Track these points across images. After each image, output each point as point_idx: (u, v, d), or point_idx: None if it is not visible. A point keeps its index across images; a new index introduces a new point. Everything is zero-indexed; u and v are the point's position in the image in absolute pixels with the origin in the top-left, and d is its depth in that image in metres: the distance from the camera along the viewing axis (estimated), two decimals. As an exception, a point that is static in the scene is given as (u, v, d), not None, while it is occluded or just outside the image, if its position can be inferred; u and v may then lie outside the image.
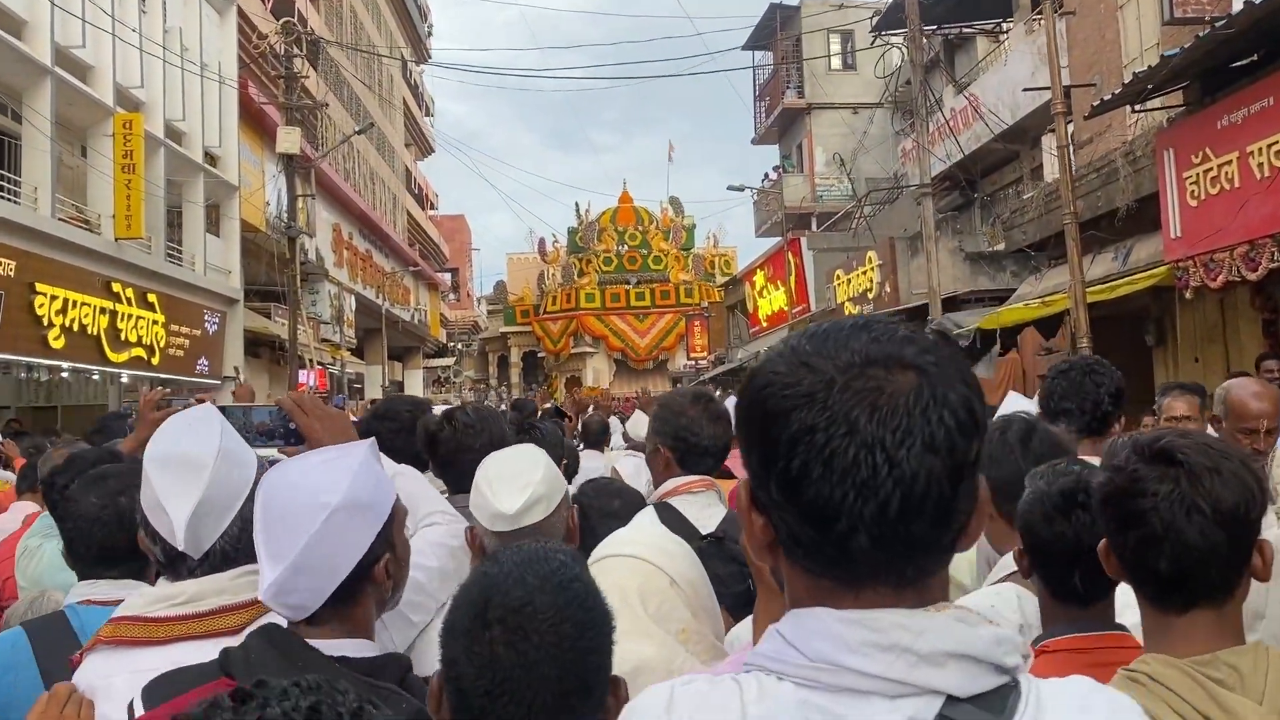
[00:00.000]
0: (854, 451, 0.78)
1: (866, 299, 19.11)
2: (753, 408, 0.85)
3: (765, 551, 0.88)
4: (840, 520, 0.79)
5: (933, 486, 0.79)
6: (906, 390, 0.80)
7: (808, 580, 0.85)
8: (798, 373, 0.82)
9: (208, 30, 19.93)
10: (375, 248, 38.46)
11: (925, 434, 0.79)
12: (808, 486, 0.80)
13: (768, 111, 35.86)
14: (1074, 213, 10.16)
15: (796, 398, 0.81)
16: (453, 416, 2.56)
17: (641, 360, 47.02)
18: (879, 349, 0.82)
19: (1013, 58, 19.96)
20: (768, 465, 0.83)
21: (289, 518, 1.41)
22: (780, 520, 0.84)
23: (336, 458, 1.50)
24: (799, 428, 0.80)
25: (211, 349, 19.92)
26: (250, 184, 22.45)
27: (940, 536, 0.82)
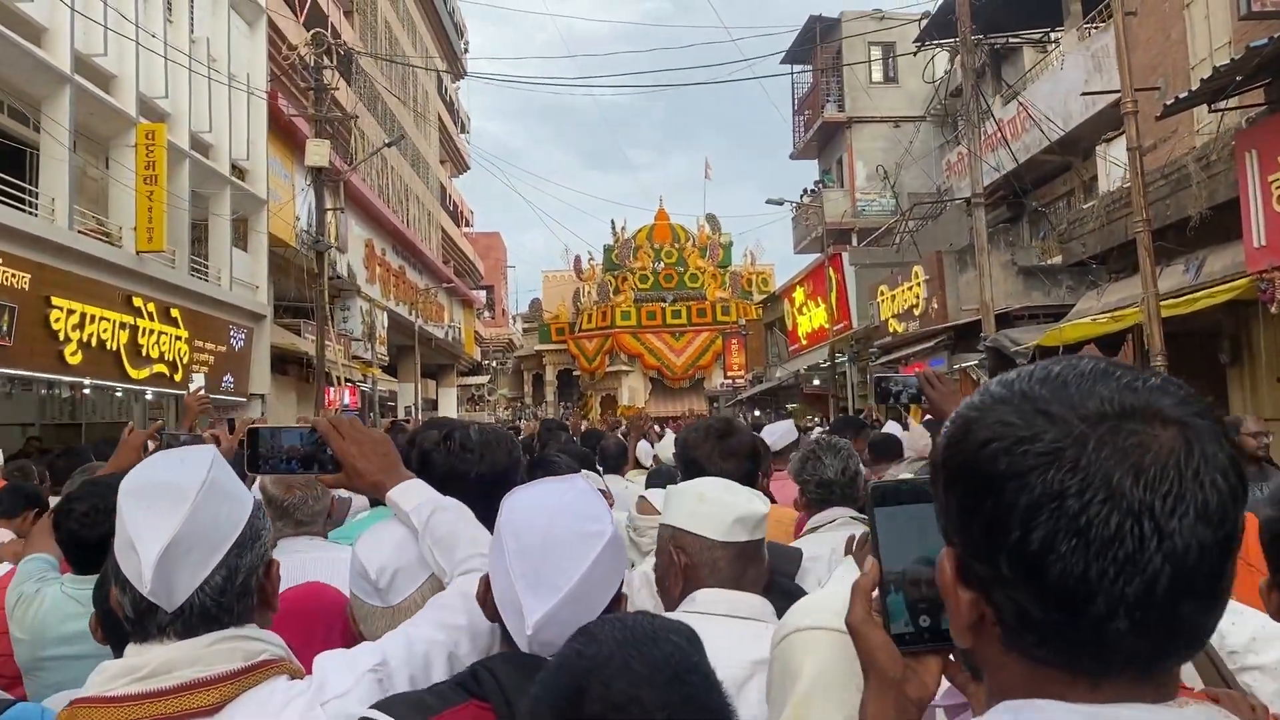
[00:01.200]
0: (1116, 520, 0.67)
1: (912, 315, 18.33)
2: (971, 465, 0.73)
3: (968, 632, 0.76)
4: (1096, 601, 0.67)
5: (1204, 561, 0.67)
6: (1172, 449, 0.68)
7: (1029, 669, 0.73)
8: (1035, 424, 0.70)
9: (237, 41, 19.61)
10: (409, 264, 38.14)
11: (1198, 500, 0.67)
12: (1054, 562, 0.68)
13: (807, 125, 35.27)
14: (1146, 219, 9.36)
15: (1037, 455, 0.69)
16: (451, 436, 2.17)
17: (677, 379, 46.54)
18: (1134, 398, 0.70)
19: (1066, 65, 19.15)
20: (995, 535, 0.70)
21: (559, 546, 1.36)
22: (1007, 599, 0.72)
23: (571, 486, 1.47)
24: (1043, 491, 0.68)
25: (237, 366, 19.49)
26: (280, 198, 22.09)
27: (1207, 620, 0.70)
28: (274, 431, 1.78)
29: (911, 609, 0.94)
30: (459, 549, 1.64)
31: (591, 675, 1.02)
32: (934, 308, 17.46)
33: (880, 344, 20.44)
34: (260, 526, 1.40)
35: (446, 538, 1.63)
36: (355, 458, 1.70)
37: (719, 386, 41.82)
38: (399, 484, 1.71)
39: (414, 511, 1.67)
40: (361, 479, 1.71)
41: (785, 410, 29.37)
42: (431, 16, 45.40)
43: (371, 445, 1.72)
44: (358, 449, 1.71)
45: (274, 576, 1.44)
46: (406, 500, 1.69)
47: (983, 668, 0.79)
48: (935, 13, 20.44)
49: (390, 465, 1.72)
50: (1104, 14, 17.70)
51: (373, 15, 34.80)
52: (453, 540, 1.65)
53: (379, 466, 1.70)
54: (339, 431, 1.73)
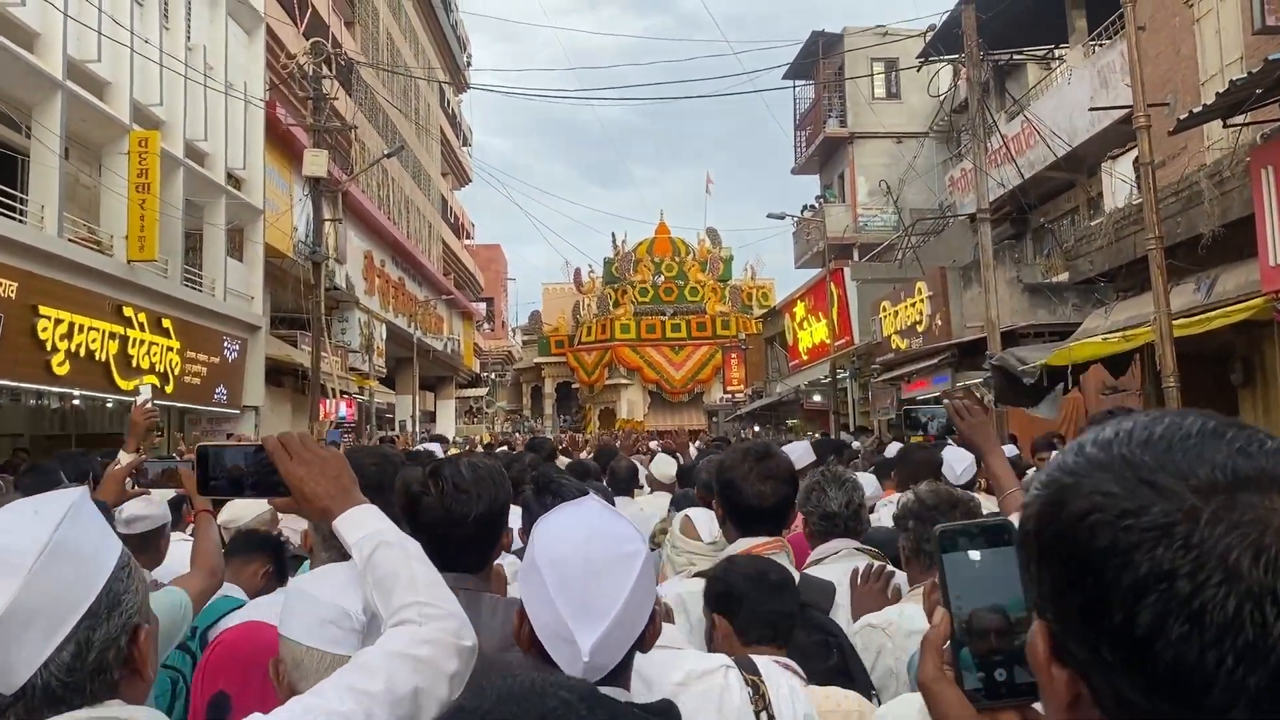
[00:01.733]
0: (1234, 604, 0.60)
1: (915, 332, 18.07)
2: (1069, 538, 0.66)
3: (1063, 711, 0.69)
4: (1212, 693, 0.60)
5: None
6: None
7: None
8: (1139, 494, 0.64)
9: (234, 50, 19.42)
10: (408, 276, 37.92)
11: None
12: (1164, 649, 0.61)
13: (808, 140, 35.13)
14: (1159, 236, 9.11)
15: (1143, 531, 0.62)
16: (440, 475, 2.03)
17: (677, 393, 46.35)
18: (1250, 465, 0.63)
19: (1071, 81, 18.96)
20: (1095, 617, 0.64)
21: (601, 572, 1.37)
22: (1107, 685, 0.65)
23: (593, 508, 1.48)
24: (1150, 571, 0.62)
25: (231, 377, 19.24)
26: (277, 208, 21.87)
27: None
28: (221, 451, 1.67)
29: (986, 662, 0.88)
30: (396, 594, 1.45)
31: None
32: (937, 324, 17.20)
33: (882, 360, 20.18)
34: (122, 590, 1.22)
35: (386, 578, 1.46)
36: (303, 480, 1.54)
37: (718, 401, 41.59)
38: (348, 510, 1.53)
39: (357, 545, 1.49)
40: (309, 505, 1.55)
41: (785, 426, 29.11)
42: (434, 29, 45.33)
43: (322, 466, 1.56)
44: (306, 470, 1.55)
45: (143, 643, 1.25)
46: (352, 530, 1.51)
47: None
48: (940, 28, 20.26)
49: (342, 489, 1.55)
50: (1110, 30, 17.54)
51: (374, 27, 34.69)
52: (392, 582, 1.46)
53: (329, 490, 1.54)
54: (287, 451, 1.56)
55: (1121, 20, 16.79)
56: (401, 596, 1.44)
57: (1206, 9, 12.17)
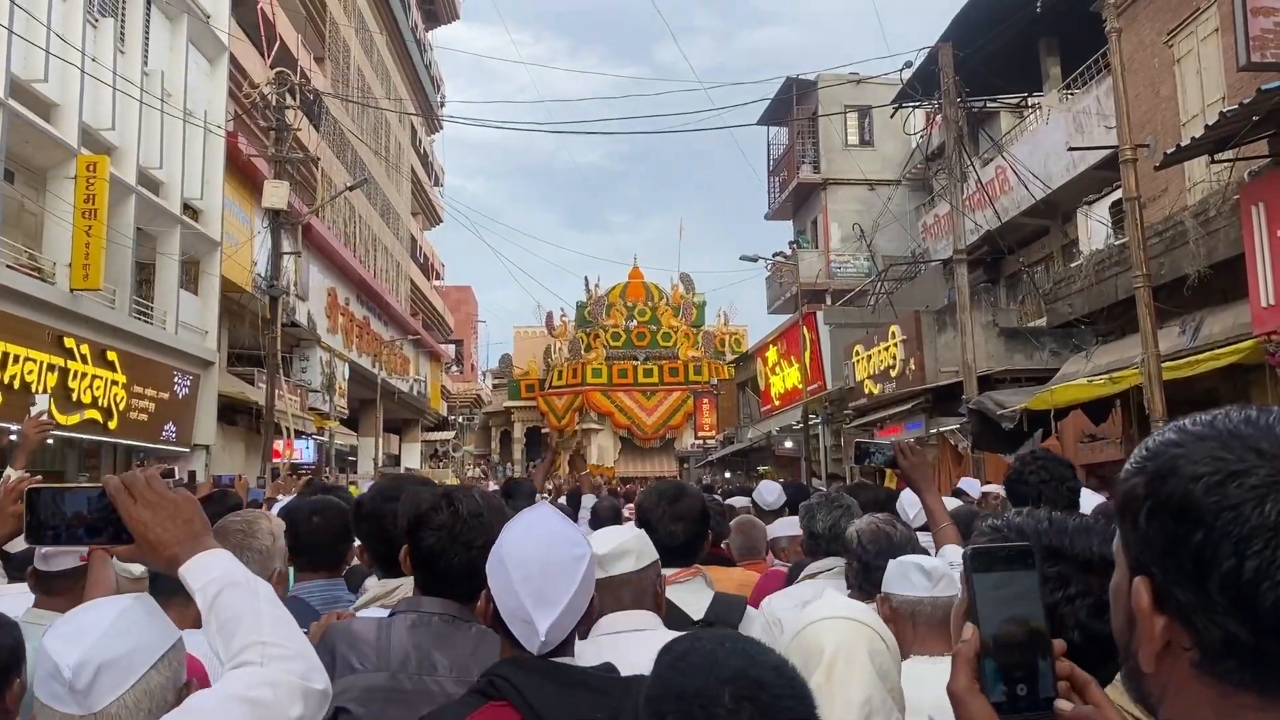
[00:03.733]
0: None
1: (889, 377, 17.64)
2: (1183, 497, 0.76)
3: (1156, 658, 0.80)
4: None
5: None
6: None
7: (1220, 694, 0.77)
8: (1247, 459, 0.75)
9: (195, 77, 18.90)
10: (374, 315, 37.22)
11: None
12: (1269, 590, 0.72)
13: (782, 186, 35.03)
14: (1146, 274, 8.72)
15: (1251, 488, 0.74)
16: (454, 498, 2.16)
17: (648, 438, 45.80)
18: None
19: (1047, 126, 18.82)
20: (1206, 564, 0.75)
21: (556, 569, 1.66)
22: (1213, 625, 0.76)
23: (559, 522, 1.75)
24: (1259, 523, 0.73)
25: (181, 414, 18.46)
26: (237, 241, 21.25)
27: None
28: (58, 493, 1.52)
29: (1007, 677, 0.94)
30: (239, 635, 1.40)
31: (712, 654, 1.26)
32: (911, 369, 16.78)
33: (855, 406, 19.73)
34: None
35: (230, 621, 1.40)
36: (148, 526, 1.44)
37: (690, 447, 41.05)
38: (195, 556, 1.44)
39: (201, 590, 1.43)
40: (155, 552, 1.45)
41: (757, 472, 28.57)
42: (407, 68, 45.09)
43: (171, 510, 1.46)
44: (152, 515, 1.45)
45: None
46: (198, 576, 1.44)
47: (1162, 695, 0.82)
48: (916, 68, 20.11)
49: (192, 534, 1.46)
50: (1085, 76, 17.42)
51: (345, 63, 34.34)
52: (235, 624, 1.41)
53: (176, 536, 1.45)
54: (131, 493, 1.46)
55: (1097, 65, 16.73)
56: (244, 637, 1.38)
57: (1187, 49, 11.96)
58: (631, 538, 2.18)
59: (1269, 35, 9.60)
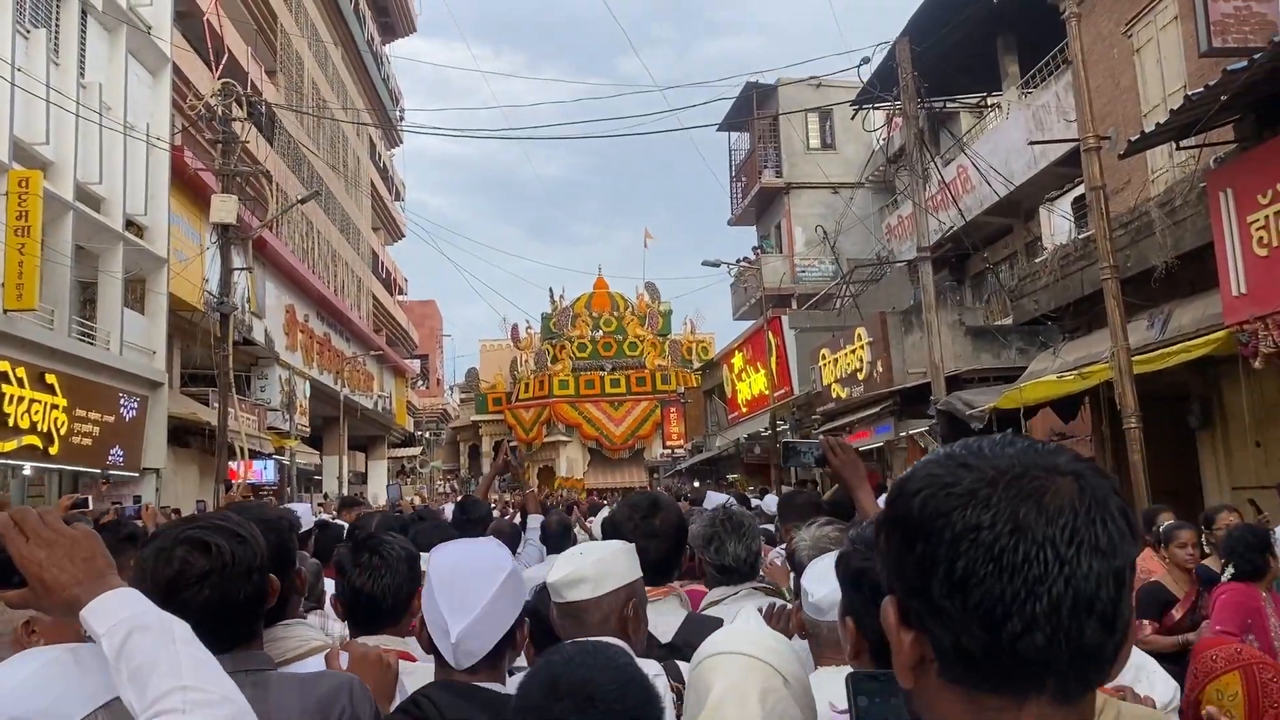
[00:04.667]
0: (1024, 549, 0.77)
1: (856, 380, 17.36)
2: (907, 512, 0.83)
3: (909, 672, 0.85)
4: (1012, 619, 0.77)
5: (1100, 588, 0.78)
6: (1069, 493, 0.80)
7: (965, 699, 0.82)
8: (957, 473, 0.82)
9: (137, 90, 18.33)
10: (335, 331, 36.57)
11: (1090, 536, 0.79)
12: (975, 586, 0.78)
13: (745, 191, 34.81)
14: (1113, 266, 8.45)
15: (958, 496, 0.80)
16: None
17: (616, 449, 45.41)
18: (1035, 455, 0.83)
19: (1006, 124, 18.66)
20: (927, 569, 0.80)
21: (473, 578, 1.79)
22: (941, 631, 0.81)
23: (487, 545, 1.95)
24: (963, 526, 0.79)
25: (129, 437, 17.83)
26: (186, 258, 20.65)
27: (1105, 643, 0.80)
28: None
29: None
30: (154, 682, 1.23)
31: (560, 670, 1.37)
32: (878, 371, 16.51)
33: (823, 410, 19.44)
34: None
35: (142, 668, 1.24)
36: (43, 566, 1.31)
37: (659, 456, 40.69)
38: (98, 597, 1.29)
39: (107, 635, 1.26)
40: (52, 595, 1.31)
41: (726, 480, 28.24)
42: (364, 82, 44.49)
43: (69, 547, 1.33)
44: (48, 553, 1.31)
45: None
46: (102, 619, 1.28)
47: (924, 709, 0.86)
48: (874, 72, 19.94)
49: (94, 572, 1.32)
50: (1043, 73, 17.27)
51: (298, 76, 33.75)
52: (149, 670, 1.24)
53: (75, 576, 1.30)
54: (22, 530, 1.33)
55: (1055, 61, 16.58)
56: (160, 684, 1.24)
57: (1146, 38, 11.77)
58: (592, 562, 2.09)
59: (1229, 20, 9.40)
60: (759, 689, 1.73)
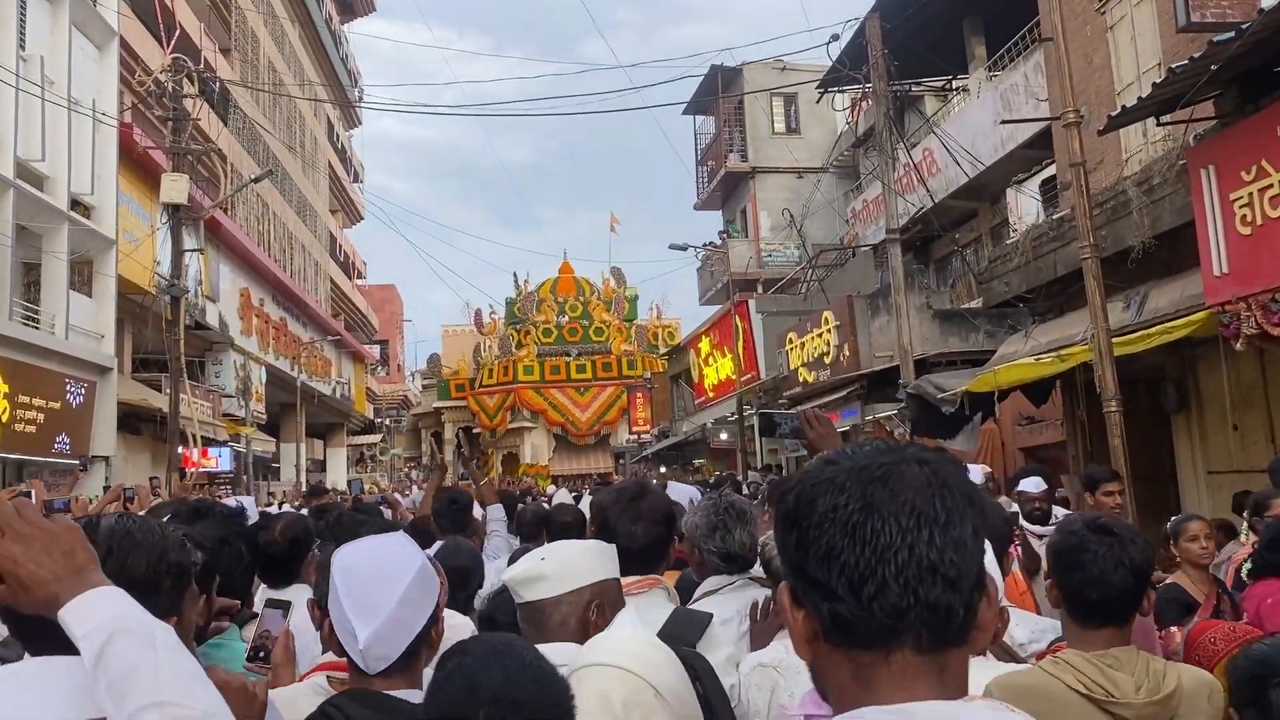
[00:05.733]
0: (871, 523, 0.91)
1: (823, 364, 17.14)
2: (787, 505, 0.97)
3: (805, 646, 0.96)
4: (869, 582, 0.90)
5: (942, 555, 0.90)
6: (912, 476, 0.93)
7: (849, 661, 0.93)
8: (824, 469, 0.96)
9: (82, 65, 17.63)
10: (291, 316, 35.85)
11: (929, 510, 0.91)
12: (836, 558, 0.91)
13: (710, 176, 34.53)
14: (1093, 244, 8.22)
15: (822, 485, 0.95)
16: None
17: (583, 435, 45.02)
18: (888, 451, 0.97)
19: (973, 106, 18.48)
20: (805, 549, 0.93)
21: (379, 581, 1.72)
22: (820, 601, 0.93)
23: (394, 541, 1.84)
24: (825, 508, 0.93)
25: (75, 424, 17.22)
26: (136, 239, 19.98)
27: (953, 600, 0.91)
28: None
29: None
30: (132, 695, 1.16)
31: (477, 675, 1.34)
32: (845, 355, 16.29)
33: (790, 394, 19.22)
34: None
35: (122, 678, 1.17)
36: (20, 562, 1.22)
37: (625, 442, 40.41)
38: (79, 596, 1.22)
39: (86, 638, 1.19)
40: (29, 593, 1.23)
41: (692, 466, 28.00)
42: (322, 61, 43.61)
43: (47, 541, 1.24)
44: (24, 549, 1.23)
45: None
46: (81, 621, 1.20)
47: (824, 678, 0.97)
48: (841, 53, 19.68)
49: (74, 568, 1.24)
50: (1011, 54, 17.09)
51: (254, 54, 32.92)
52: (128, 681, 1.17)
53: (55, 572, 1.23)
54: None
55: (1024, 42, 16.39)
56: (138, 697, 1.16)
57: (1120, 15, 11.57)
58: (553, 560, 2.02)
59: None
60: (623, 701, 1.70)
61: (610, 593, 2.06)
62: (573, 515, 5.23)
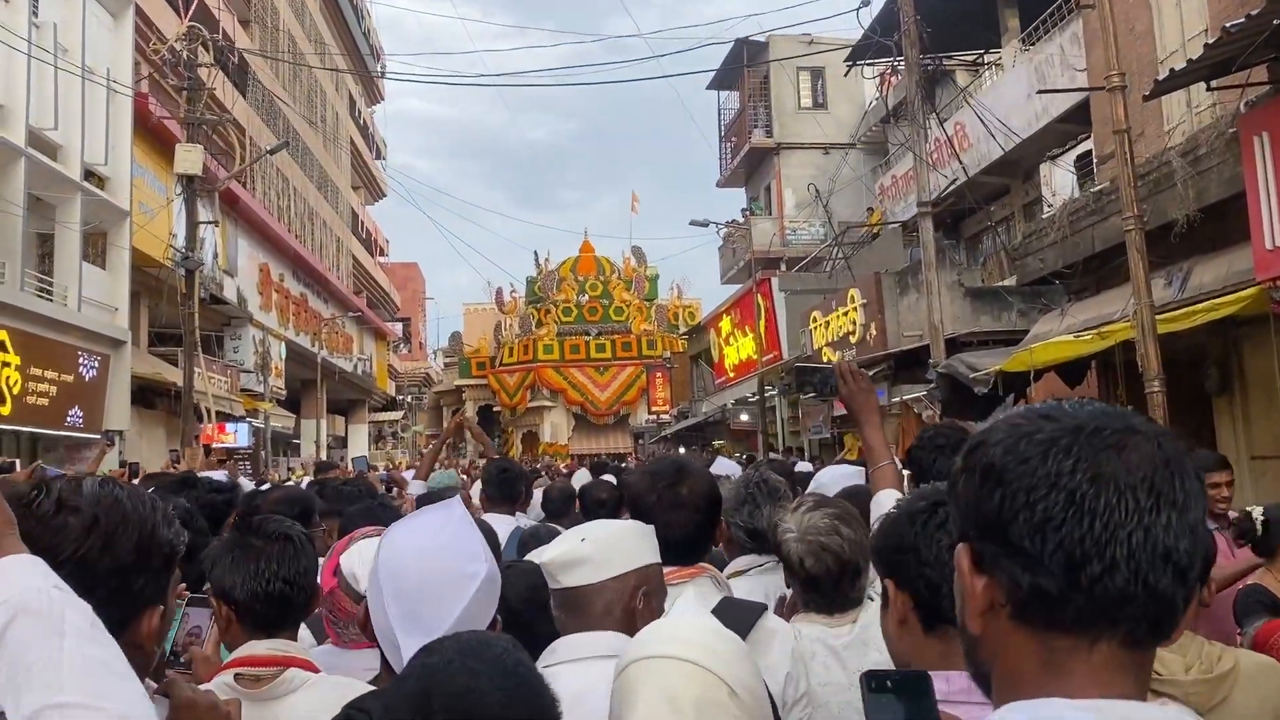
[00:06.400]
0: (1105, 496, 0.81)
1: (849, 343, 16.72)
2: (987, 460, 0.86)
3: (978, 618, 0.87)
4: (1091, 563, 0.81)
5: (1177, 540, 0.81)
6: (1148, 450, 0.83)
7: (1035, 640, 0.84)
8: (1039, 423, 0.85)
9: (96, 33, 17.35)
10: (312, 291, 35.68)
11: (1169, 490, 0.82)
12: (1053, 530, 0.81)
13: (734, 152, 33.97)
14: (1137, 215, 7.77)
15: (1039, 443, 0.83)
16: None
17: (602, 415, 44.82)
18: (1112, 412, 0.86)
19: (1008, 79, 17.93)
20: (1012, 512, 0.83)
21: (436, 590, 1.45)
22: (1020, 572, 0.83)
23: (448, 520, 1.54)
24: (1045, 473, 0.82)
25: (88, 398, 17.05)
26: (152, 211, 19.76)
27: (1177, 594, 0.82)
28: None
29: None
30: (30, 691, 1.02)
31: (436, 677, 1.13)
32: (872, 334, 15.86)
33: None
34: None
35: (23, 668, 1.02)
36: None
37: (644, 422, 40.13)
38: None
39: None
40: None
41: (712, 447, 27.67)
42: (344, 35, 43.27)
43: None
44: None
45: None
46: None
47: (991, 656, 0.87)
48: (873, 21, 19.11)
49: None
50: (1045, 26, 16.51)
51: (274, 26, 32.61)
52: (24, 675, 1.02)
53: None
54: None
55: (1060, 13, 15.81)
56: (36, 696, 1.00)
57: (1166, -22, 11.04)
58: (593, 541, 1.81)
59: (1262, -47, 8.67)
60: (695, 700, 1.40)
61: (655, 578, 1.89)
62: (608, 492, 4.99)
